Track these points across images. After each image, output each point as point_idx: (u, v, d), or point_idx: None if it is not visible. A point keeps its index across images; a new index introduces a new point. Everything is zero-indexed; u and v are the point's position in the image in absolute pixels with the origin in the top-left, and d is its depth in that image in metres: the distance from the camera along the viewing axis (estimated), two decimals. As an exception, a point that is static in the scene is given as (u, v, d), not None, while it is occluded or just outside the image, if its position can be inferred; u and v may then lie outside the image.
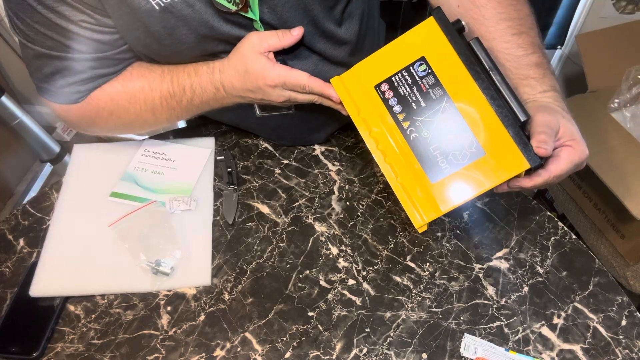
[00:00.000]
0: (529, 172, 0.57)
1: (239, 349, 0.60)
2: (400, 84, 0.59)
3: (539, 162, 0.54)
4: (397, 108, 0.59)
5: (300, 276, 0.67)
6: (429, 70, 0.58)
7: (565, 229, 0.73)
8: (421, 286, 0.66)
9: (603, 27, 1.25)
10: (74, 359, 0.59)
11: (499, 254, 0.70)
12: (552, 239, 0.72)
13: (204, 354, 0.60)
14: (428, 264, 0.69)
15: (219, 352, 0.60)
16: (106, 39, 0.63)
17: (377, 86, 0.61)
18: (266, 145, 0.83)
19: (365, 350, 0.60)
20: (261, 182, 0.78)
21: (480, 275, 0.67)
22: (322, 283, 0.66)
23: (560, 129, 0.56)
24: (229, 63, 0.67)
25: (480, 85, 0.56)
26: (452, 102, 0.57)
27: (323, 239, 0.71)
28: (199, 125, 0.88)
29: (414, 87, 0.59)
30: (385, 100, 0.60)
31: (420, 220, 0.58)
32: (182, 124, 1.05)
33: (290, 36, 0.65)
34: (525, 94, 0.61)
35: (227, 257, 0.69)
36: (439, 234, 0.72)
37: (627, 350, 0.60)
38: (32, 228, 0.72)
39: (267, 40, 0.64)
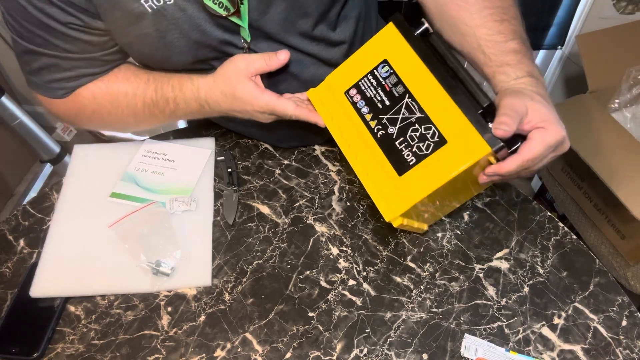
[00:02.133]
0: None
1: (239, 350, 0.60)
2: (367, 87, 0.64)
3: (500, 144, 0.53)
4: (364, 109, 0.63)
5: (301, 277, 0.67)
6: (391, 71, 0.62)
7: (566, 229, 0.72)
8: (421, 286, 0.66)
9: (603, 28, 1.25)
10: (74, 360, 0.59)
11: (500, 254, 0.70)
12: (552, 239, 0.72)
13: (204, 355, 0.60)
14: (428, 264, 0.69)
15: (219, 353, 0.60)
16: (94, 40, 0.64)
17: (347, 92, 0.65)
18: (266, 145, 0.83)
19: (365, 350, 0.60)
20: (261, 183, 0.78)
21: (481, 275, 0.67)
22: (323, 283, 0.66)
23: (528, 111, 0.54)
24: (215, 84, 0.68)
25: (438, 77, 0.58)
26: (414, 97, 0.60)
27: (323, 240, 0.71)
28: (199, 125, 0.88)
29: (379, 88, 0.62)
30: (354, 104, 0.64)
31: (391, 213, 0.59)
32: (182, 124, 1.05)
33: (276, 60, 0.66)
34: (500, 82, 0.60)
35: (227, 257, 0.69)
36: (439, 235, 0.72)
37: (627, 351, 0.60)
38: (32, 228, 0.72)
39: (253, 64, 0.65)
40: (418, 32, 0.61)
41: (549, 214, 0.74)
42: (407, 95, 0.60)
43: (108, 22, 0.62)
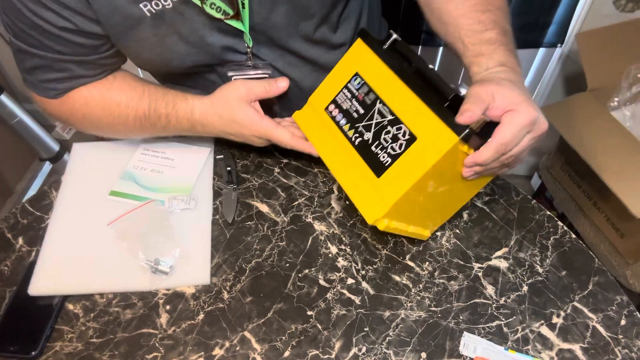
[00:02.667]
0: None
1: (238, 348, 0.60)
2: (343, 100, 0.67)
3: (466, 131, 0.53)
4: (342, 121, 0.66)
5: (300, 275, 0.67)
6: (363, 82, 0.65)
7: (565, 228, 0.72)
8: (420, 285, 0.66)
9: (603, 26, 1.25)
10: (72, 358, 0.59)
11: (499, 253, 0.70)
12: (551, 238, 0.72)
13: (202, 353, 0.60)
14: (427, 263, 0.69)
15: (218, 351, 0.60)
16: (88, 43, 0.64)
17: (326, 108, 0.69)
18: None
19: (364, 349, 0.60)
20: (260, 181, 0.78)
21: (480, 274, 0.67)
22: (321, 282, 0.66)
23: (495, 97, 0.53)
24: (212, 107, 0.69)
25: (404, 80, 0.60)
26: (384, 102, 0.62)
27: (322, 238, 0.71)
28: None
29: (353, 99, 0.65)
30: (334, 118, 0.67)
31: (372, 216, 0.61)
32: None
33: (276, 87, 0.68)
34: (474, 74, 0.60)
35: (226, 256, 0.69)
36: (438, 233, 0.72)
37: (626, 350, 0.60)
38: (31, 227, 0.72)
39: (254, 90, 0.67)
40: (387, 43, 0.63)
41: (548, 212, 0.74)
42: (378, 101, 0.63)
43: (107, 27, 0.62)
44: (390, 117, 0.61)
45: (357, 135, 0.65)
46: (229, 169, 0.78)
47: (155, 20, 0.61)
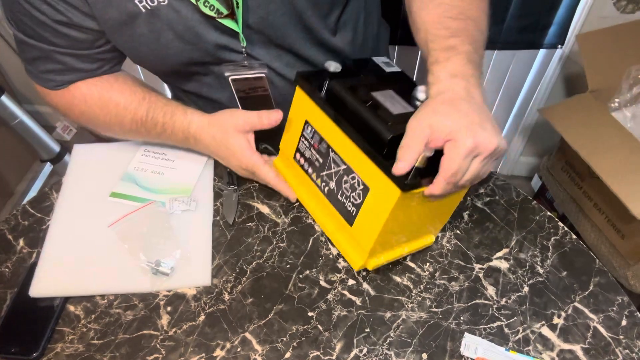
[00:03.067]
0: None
1: (239, 349, 0.60)
2: (304, 148, 0.67)
3: (408, 184, 0.52)
4: (310, 170, 0.67)
5: (300, 276, 0.67)
6: (314, 130, 0.64)
7: (566, 228, 0.72)
8: (421, 286, 0.66)
9: (603, 27, 1.25)
10: (73, 359, 0.59)
11: (499, 254, 0.70)
12: (552, 239, 0.72)
13: (203, 354, 0.60)
14: (428, 264, 0.69)
15: (219, 353, 0.60)
16: (83, 37, 0.64)
17: (294, 157, 0.69)
18: (266, 145, 0.83)
19: (365, 350, 0.60)
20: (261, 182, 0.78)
21: (481, 275, 0.67)
22: (322, 283, 0.66)
23: (433, 128, 0.51)
24: (208, 127, 0.70)
25: (342, 128, 0.59)
26: (335, 151, 0.62)
27: (323, 239, 0.71)
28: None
29: (311, 148, 0.66)
30: (302, 166, 0.68)
31: (356, 263, 0.64)
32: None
33: (268, 120, 0.68)
34: (428, 84, 0.58)
35: (227, 257, 0.69)
36: (438, 234, 0.72)
37: (627, 351, 0.60)
38: (32, 228, 0.72)
39: (249, 121, 0.68)
40: (324, 88, 0.61)
41: (548, 213, 0.74)
42: (331, 149, 0.62)
43: (102, 22, 0.62)
44: (343, 166, 0.61)
45: (324, 184, 0.65)
46: (229, 170, 0.78)
47: (151, 16, 0.61)
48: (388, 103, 0.58)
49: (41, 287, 0.64)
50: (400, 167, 0.51)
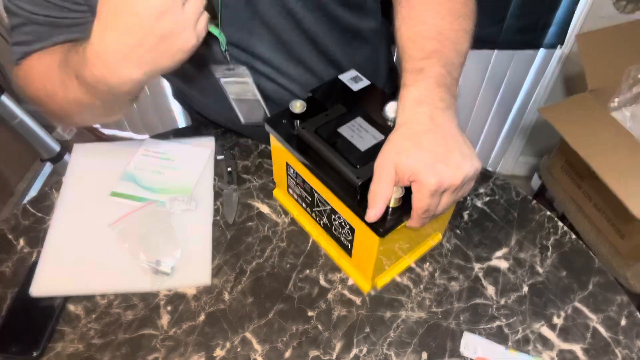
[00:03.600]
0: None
1: (239, 349, 0.60)
2: (293, 185, 0.68)
3: (385, 229, 0.53)
4: (303, 205, 0.69)
5: (300, 276, 0.67)
6: (295, 171, 0.65)
7: (565, 228, 0.73)
8: (421, 286, 0.66)
9: (603, 27, 1.25)
10: (74, 359, 0.59)
11: (499, 253, 0.70)
12: (552, 238, 0.72)
13: (204, 354, 0.60)
14: (428, 263, 0.69)
15: (219, 352, 0.60)
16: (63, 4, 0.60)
17: (288, 191, 0.71)
18: (266, 144, 0.83)
19: (365, 350, 0.60)
20: (261, 182, 0.78)
21: (480, 275, 0.68)
22: (322, 283, 0.66)
23: (397, 168, 0.51)
24: (97, 19, 0.50)
25: (315, 175, 0.59)
26: (317, 192, 0.62)
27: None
28: (199, 125, 0.88)
29: (298, 187, 0.66)
30: (296, 201, 0.70)
31: (365, 287, 0.65)
32: (182, 124, 1.05)
33: None
34: (398, 109, 0.56)
35: (227, 257, 0.69)
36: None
37: (626, 350, 0.60)
38: (32, 228, 0.72)
39: None
40: (295, 126, 0.61)
41: (548, 213, 0.74)
42: (314, 190, 0.63)
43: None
44: (329, 206, 0.62)
45: (318, 218, 0.67)
46: (229, 169, 0.78)
47: None
48: (356, 137, 0.59)
49: (41, 286, 0.64)
50: (372, 215, 0.52)
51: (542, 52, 1.53)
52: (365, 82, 0.66)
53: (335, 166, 0.57)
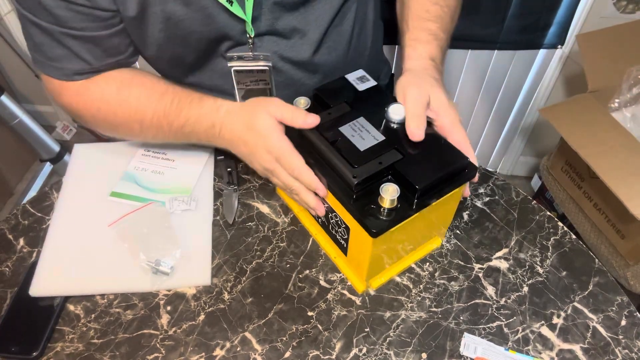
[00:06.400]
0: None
1: (238, 349, 0.60)
2: None
3: (377, 230, 0.53)
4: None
5: (300, 276, 0.67)
6: None
7: (565, 228, 0.72)
8: (421, 286, 0.66)
9: (604, 27, 1.25)
10: (73, 359, 0.59)
11: (499, 253, 0.70)
12: (551, 239, 0.72)
13: (203, 354, 0.60)
14: (428, 263, 0.69)
15: (218, 352, 0.60)
16: (96, 14, 0.62)
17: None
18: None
19: (364, 350, 0.60)
20: (261, 182, 0.78)
21: (480, 275, 0.67)
22: (322, 283, 0.66)
23: (431, 98, 0.61)
24: (240, 111, 0.65)
25: (315, 171, 0.59)
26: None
27: (323, 239, 0.71)
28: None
29: None
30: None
31: (359, 287, 0.65)
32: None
33: (303, 121, 0.60)
34: (407, 56, 0.66)
35: (227, 256, 0.69)
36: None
37: (626, 350, 0.60)
38: (32, 228, 0.72)
39: (282, 111, 0.61)
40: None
41: (548, 213, 0.74)
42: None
43: (124, 10, 0.62)
44: (327, 204, 0.62)
45: (317, 216, 0.67)
46: (229, 169, 0.78)
47: None
48: (356, 137, 0.59)
49: (41, 286, 0.64)
50: (419, 135, 0.58)
51: (542, 52, 1.53)
52: (371, 83, 0.66)
53: (333, 164, 0.57)
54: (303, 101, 0.63)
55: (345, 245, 0.63)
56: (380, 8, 0.84)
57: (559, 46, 1.49)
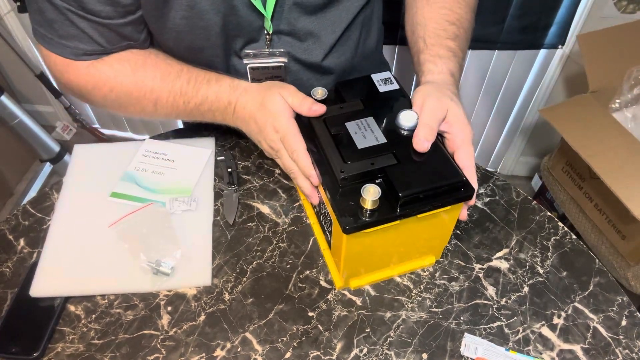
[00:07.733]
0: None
1: (239, 349, 0.60)
2: None
3: (346, 227, 0.53)
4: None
5: (301, 276, 0.67)
6: None
7: (566, 229, 0.72)
8: (421, 286, 0.66)
9: (604, 27, 1.25)
10: (74, 359, 0.59)
11: (499, 254, 0.70)
12: (552, 239, 0.72)
13: (204, 354, 0.60)
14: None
15: (219, 352, 0.60)
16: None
17: None
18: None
19: (365, 350, 0.60)
20: (261, 182, 0.78)
21: (481, 275, 0.67)
22: (323, 283, 0.66)
23: (449, 112, 0.60)
24: (255, 91, 0.66)
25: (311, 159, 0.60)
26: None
27: (323, 239, 0.71)
28: (199, 125, 0.88)
29: None
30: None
31: (338, 282, 0.66)
32: (181, 124, 1.05)
33: (308, 109, 0.62)
34: (428, 71, 0.66)
35: (227, 257, 0.69)
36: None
37: (627, 351, 0.60)
38: (32, 228, 0.72)
39: (293, 96, 0.63)
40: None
41: (548, 213, 0.74)
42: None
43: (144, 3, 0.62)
44: (319, 193, 0.62)
45: (317, 209, 0.68)
46: (229, 170, 0.78)
47: None
48: (359, 135, 0.59)
49: (42, 287, 0.64)
50: (423, 146, 0.57)
51: (543, 52, 1.53)
52: (394, 86, 0.66)
53: (328, 156, 0.57)
54: (320, 91, 0.63)
55: (329, 238, 0.64)
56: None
57: (560, 46, 1.49)
